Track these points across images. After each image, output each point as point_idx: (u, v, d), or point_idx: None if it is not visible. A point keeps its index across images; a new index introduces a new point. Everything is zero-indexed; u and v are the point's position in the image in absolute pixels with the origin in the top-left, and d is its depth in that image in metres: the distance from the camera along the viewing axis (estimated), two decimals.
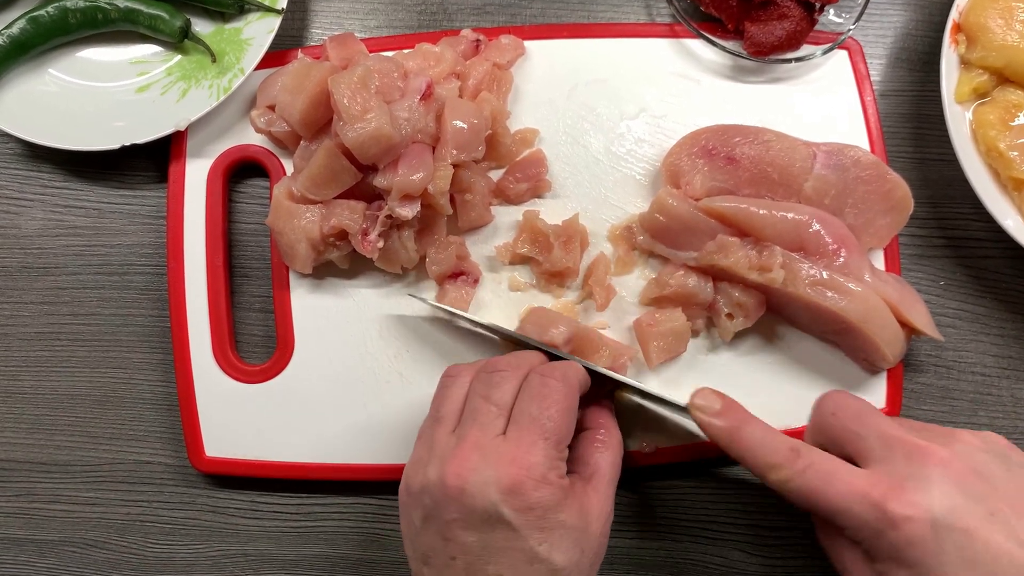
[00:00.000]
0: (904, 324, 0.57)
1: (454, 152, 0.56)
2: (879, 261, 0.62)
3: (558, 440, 0.46)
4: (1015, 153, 0.58)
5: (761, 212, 0.57)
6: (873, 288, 0.56)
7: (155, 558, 0.63)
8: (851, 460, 0.46)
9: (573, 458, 0.50)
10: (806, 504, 0.45)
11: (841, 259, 0.57)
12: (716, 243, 0.57)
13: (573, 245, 0.60)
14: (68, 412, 0.64)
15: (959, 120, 0.60)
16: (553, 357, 0.53)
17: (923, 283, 0.64)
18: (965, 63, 0.60)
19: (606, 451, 0.51)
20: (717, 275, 0.59)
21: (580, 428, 0.52)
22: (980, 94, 0.60)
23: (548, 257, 0.59)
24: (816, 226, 0.57)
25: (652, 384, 0.60)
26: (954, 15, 0.60)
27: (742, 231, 0.58)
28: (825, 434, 0.48)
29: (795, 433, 0.60)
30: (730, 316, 0.59)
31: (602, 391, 0.55)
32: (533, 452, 0.45)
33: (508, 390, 0.48)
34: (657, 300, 0.60)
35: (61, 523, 0.63)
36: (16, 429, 0.64)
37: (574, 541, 0.45)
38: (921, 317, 0.58)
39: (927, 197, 0.64)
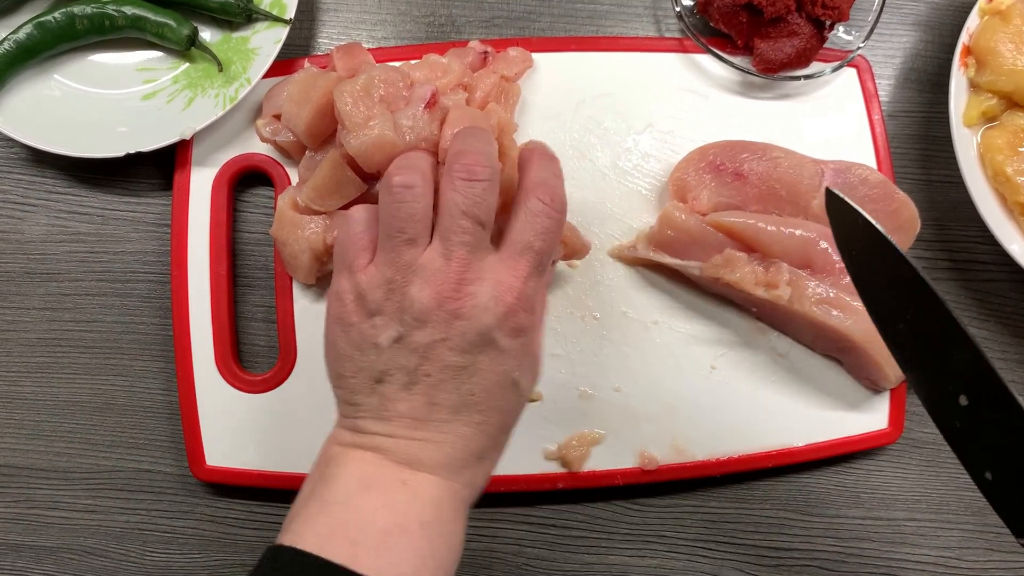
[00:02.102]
0: None
1: None
2: None
3: (543, 268, 0.46)
4: (1022, 178, 0.58)
5: (769, 228, 0.57)
6: None
7: (153, 566, 0.63)
8: None
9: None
10: None
11: (847, 278, 0.57)
12: (723, 257, 0.57)
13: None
14: (68, 419, 0.64)
15: (967, 143, 0.60)
16: None
17: None
18: (974, 86, 0.60)
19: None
20: (722, 290, 0.59)
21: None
22: (989, 118, 0.60)
23: None
24: (824, 244, 0.57)
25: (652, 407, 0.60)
26: (964, 38, 0.60)
27: (749, 247, 0.58)
28: None
29: (797, 453, 0.60)
30: None
31: None
32: (528, 281, 0.44)
33: (492, 204, 0.45)
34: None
35: (59, 530, 0.63)
36: (16, 435, 0.64)
37: (534, 366, 0.47)
38: None
39: (933, 219, 0.64)
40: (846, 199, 0.46)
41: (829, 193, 0.46)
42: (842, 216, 0.46)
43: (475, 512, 0.61)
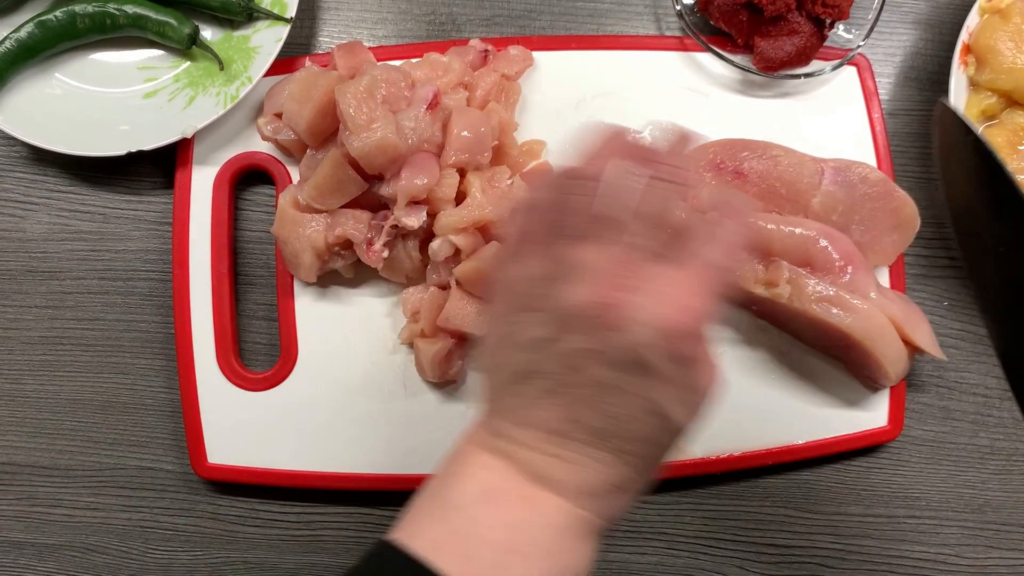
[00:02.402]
0: (908, 343, 0.57)
1: (458, 154, 0.56)
2: (884, 280, 0.62)
3: (719, 295, 0.40)
4: (1022, 177, 0.58)
5: (769, 226, 0.57)
6: (878, 306, 0.56)
7: (155, 564, 0.63)
8: None
9: None
10: None
11: (848, 276, 0.57)
12: None
13: None
14: (70, 417, 0.64)
15: None
16: None
17: (927, 303, 0.64)
18: (974, 85, 0.60)
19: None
20: None
21: None
22: (988, 116, 0.60)
23: None
24: (824, 242, 0.57)
25: None
26: (964, 37, 0.60)
27: (749, 245, 0.58)
28: None
29: (797, 450, 0.60)
30: None
31: None
32: (701, 301, 0.38)
33: (672, 210, 0.39)
34: None
35: (62, 527, 0.64)
36: (18, 433, 0.64)
37: (694, 401, 0.40)
38: (925, 336, 0.58)
39: (933, 217, 0.64)
40: (959, 113, 0.42)
41: (941, 105, 0.43)
42: (951, 131, 0.42)
43: None
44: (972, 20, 0.60)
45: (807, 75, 0.62)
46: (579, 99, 0.64)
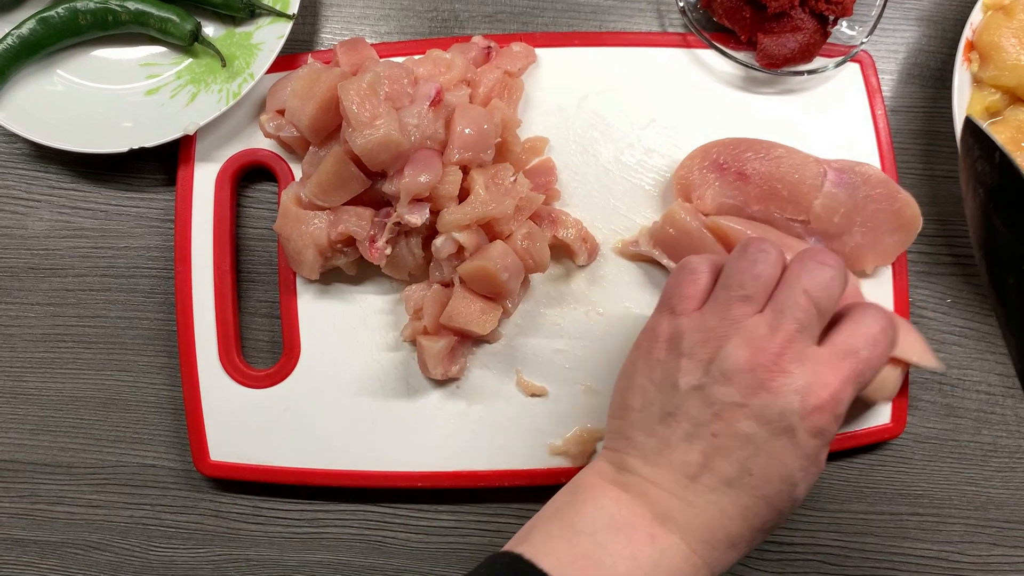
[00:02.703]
0: (897, 361, 0.57)
1: (461, 152, 0.56)
2: (887, 277, 0.61)
3: (863, 383, 0.44)
4: None
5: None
6: None
7: (158, 561, 0.63)
8: None
9: None
10: None
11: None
12: None
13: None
14: (72, 414, 0.64)
15: None
16: None
17: (930, 301, 0.64)
18: (978, 82, 0.60)
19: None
20: None
21: None
22: (992, 113, 0.60)
23: None
24: None
25: None
26: (968, 33, 0.60)
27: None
28: None
29: None
30: None
31: None
32: (846, 388, 0.42)
33: (835, 297, 0.43)
34: None
35: (64, 525, 0.64)
36: (20, 430, 0.64)
37: (812, 482, 0.44)
38: (916, 350, 0.57)
39: (936, 214, 0.64)
40: (986, 130, 0.44)
41: (969, 122, 0.45)
42: (978, 149, 0.45)
43: (478, 507, 0.62)
44: (976, 16, 0.60)
45: (810, 72, 0.62)
46: (582, 96, 0.64)
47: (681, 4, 0.64)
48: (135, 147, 0.60)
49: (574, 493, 0.44)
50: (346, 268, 0.61)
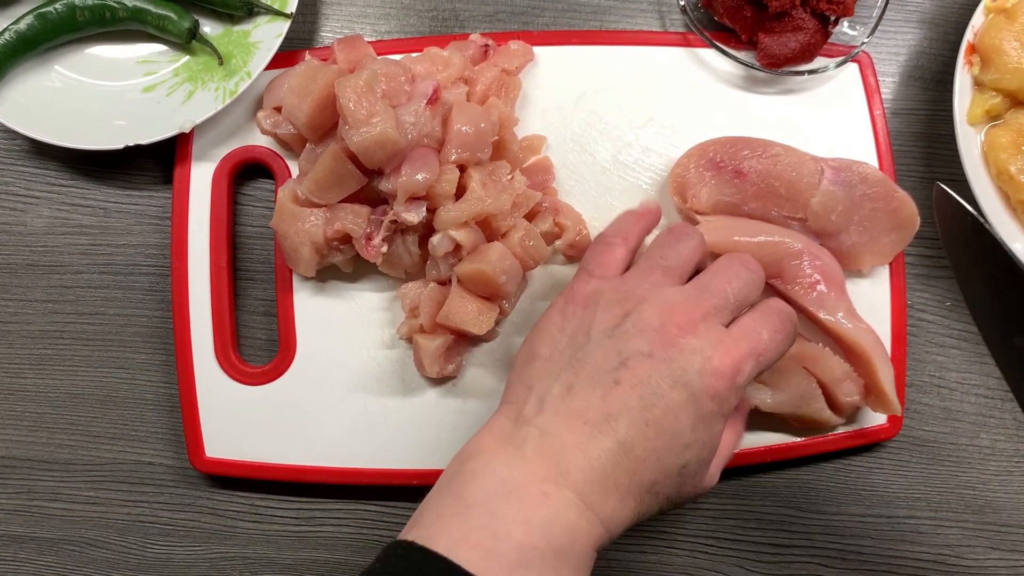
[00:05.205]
0: (867, 379, 0.57)
1: (458, 151, 0.56)
2: (884, 277, 0.61)
3: (759, 366, 0.46)
4: None
5: (743, 239, 0.57)
6: (839, 328, 0.56)
7: (154, 559, 0.63)
8: None
9: None
10: None
11: (815, 293, 0.57)
12: None
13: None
14: (70, 411, 0.64)
15: (970, 141, 0.59)
16: None
17: (930, 304, 0.64)
18: (979, 84, 0.60)
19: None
20: None
21: None
22: (993, 116, 0.60)
23: None
24: (804, 261, 0.57)
25: None
26: (969, 36, 0.59)
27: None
28: None
29: (795, 449, 0.60)
30: None
31: None
32: (747, 362, 0.44)
33: (750, 299, 0.47)
34: None
35: (61, 521, 0.64)
36: (18, 427, 0.64)
37: (704, 456, 0.45)
38: (886, 376, 0.57)
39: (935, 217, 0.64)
40: (955, 196, 0.47)
41: (939, 189, 0.48)
42: (951, 213, 0.47)
43: None
44: (977, 19, 0.60)
45: (811, 72, 0.62)
46: (580, 94, 0.64)
47: (682, 3, 0.64)
48: (131, 144, 0.60)
49: (463, 462, 0.43)
50: (342, 266, 0.60)
